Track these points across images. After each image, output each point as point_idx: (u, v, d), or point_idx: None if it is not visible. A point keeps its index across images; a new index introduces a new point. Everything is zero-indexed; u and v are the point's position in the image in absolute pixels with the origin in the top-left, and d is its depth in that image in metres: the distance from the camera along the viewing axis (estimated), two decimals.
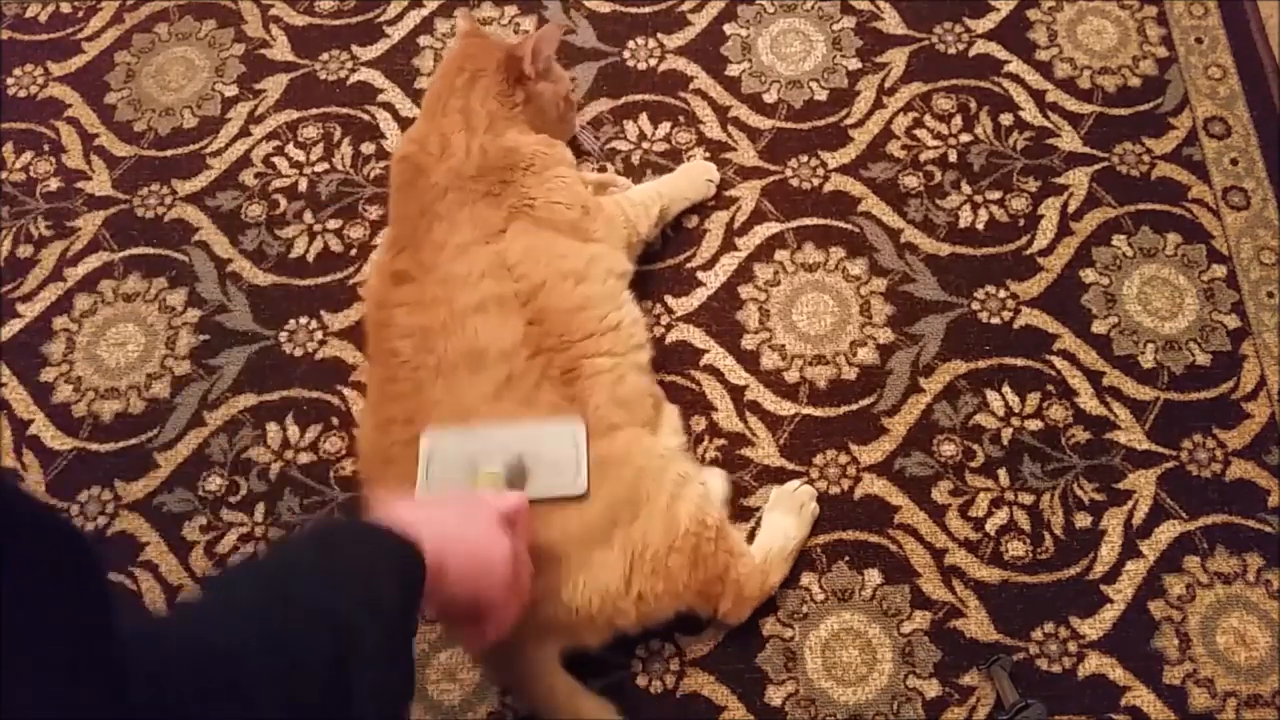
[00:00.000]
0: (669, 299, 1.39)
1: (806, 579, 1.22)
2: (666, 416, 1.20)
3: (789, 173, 1.46)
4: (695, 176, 1.44)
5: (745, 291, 1.39)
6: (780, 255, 1.41)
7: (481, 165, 1.20)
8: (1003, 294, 1.38)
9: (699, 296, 1.39)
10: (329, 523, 1.23)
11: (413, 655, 0.82)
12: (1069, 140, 1.48)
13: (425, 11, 1.62)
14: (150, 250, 1.46)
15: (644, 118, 1.52)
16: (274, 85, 1.57)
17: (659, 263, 1.41)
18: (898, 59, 1.55)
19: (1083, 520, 1.25)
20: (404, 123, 1.53)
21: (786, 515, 1.22)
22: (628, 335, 1.17)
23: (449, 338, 1.10)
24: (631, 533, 1.06)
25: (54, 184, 1.51)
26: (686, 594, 1.10)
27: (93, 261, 1.45)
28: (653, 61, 1.56)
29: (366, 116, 1.54)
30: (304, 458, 1.31)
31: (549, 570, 1.03)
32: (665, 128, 1.50)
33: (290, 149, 1.52)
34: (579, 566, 1.05)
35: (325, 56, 1.59)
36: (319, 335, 1.39)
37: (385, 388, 1.13)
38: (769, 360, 1.35)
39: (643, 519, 1.06)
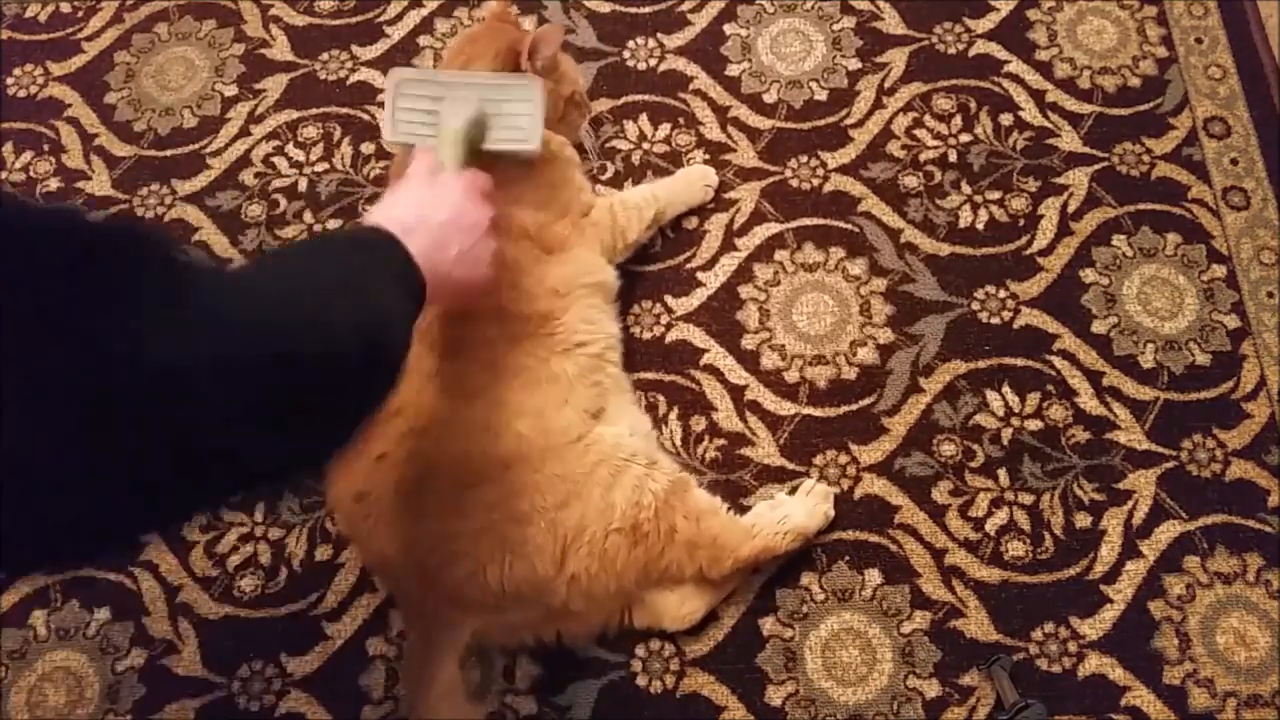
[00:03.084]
0: (669, 299, 1.39)
1: (806, 579, 1.22)
2: (621, 409, 1.19)
3: (789, 173, 1.47)
4: (693, 181, 1.44)
5: (745, 291, 1.39)
6: (780, 255, 1.41)
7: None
8: (1003, 294, 1.38)
9: (699, 296, 1.39)
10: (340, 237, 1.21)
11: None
12: (1069, 140, 1.48)
13: (425, 11, 1.62)
14: None
15: (644, 118, 1.52)
16: (274, 85, 1.57)
17: (659, 263, 1.41)
18: (898, 59, 1.55)
19: (1083, 520, 1.25)
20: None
21: (793, 500, 1.23)
22: (563, 339, 1.15)
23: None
24: (562, 516, 1.06)
25: (54, 184, 1.51)
26: (630, 572, 1.09)
27: None
28: (653, 61, 1.56)
29: (366, 116, 1.54)
30: None
31: (474, 549, 1.05)
32: (665, 128, 1.50)
33: (290, 149, 1.52)
34: (503, 546, 1.06)
35: (325, 56, 1.59)
36: None
37: None
38: (769, 360, 1.35)
39: (575, 507, 1.07)
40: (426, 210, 0.92)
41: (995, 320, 1.36)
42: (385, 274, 0.83)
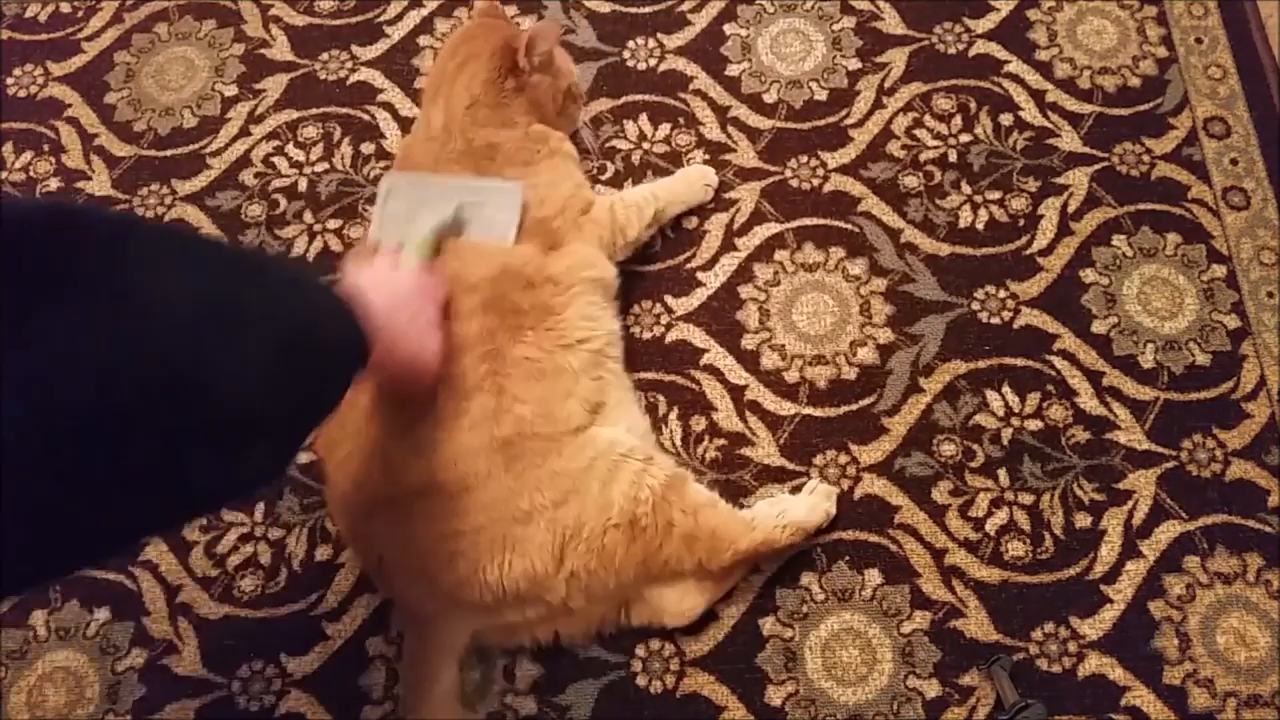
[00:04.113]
0: (669, 299, 1.39)
1: (806, 579, 1.22)
2: (620, 409, 1.19)
3: (789, 173, 1.47)
4: (693, 181, 1.44)
5: (745, 291, 1.39)
6: (780, 255, 1.41)
7: (464, 151, 1.22)
8: (1003, 294, 1.38)
9: (699, 296, 1.39)
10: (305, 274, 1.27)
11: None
12: (1069, 140, 1.48)
13: (425, 11, 1.62)
14: None
15: (644, 118, 1.52)
16: (274, 85, 1.57)
17: (659, 263, 1.41)
18: (898, 59, 1.55)
19: (1083, 520, 1.25)
20: (404, 122, 1.53)
21: (792, 497, 1.23)
22: (565, 334, 1.16)
23: None
24: (560, 514, 1.07)
25: (54, 184, 1.51)
26: (629, 566, 1.10)
27: None
28: (653, 61, 1.56)
29: (366, 116, 1.54)
30: (303, 457, 1.31)
31: (473, 549, 1.06)
32: (665, 128, 1.50)
33: (290, 149, 1.52)
34: (504, 544, 1.06)
35: (325, 56, 1.59)
36: None
37: None
38: (769, 360, 1.35)
39: (573, 504, 1.07)
40: (384, 283, 0.98)
41: (995, 320, 1.36)
42: (338, 309, 0.85)
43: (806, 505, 1.22)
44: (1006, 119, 1.50)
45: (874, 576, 1.22)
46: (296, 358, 0.74)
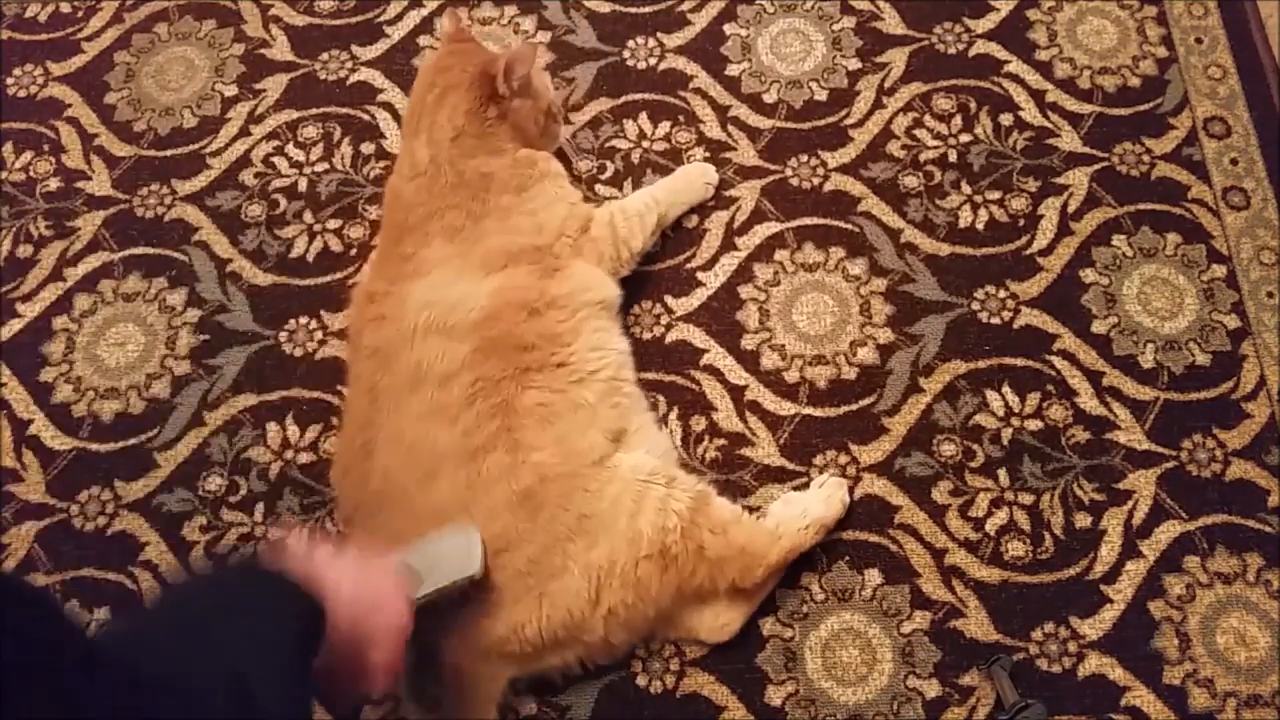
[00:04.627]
0: (669, 299, 1.39)
1: (806, 579, 1.22)
2: (641, 433, 1.19)
3: (789, 172, 1.46)
4: (693, 179, 1.44)
5: (745, 291, 1.39)
6: (780, 255, 1.41)
7: (456, 184, 1.21)
8: (1003, 294, 1.38)
9: (699, 296, 1.39)
10: (240, 568, 1.12)
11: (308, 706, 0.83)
12: (1069, 140, 1.48)
13: (425, 11, 1.62)
14: (150, 250, 1.46)
15: (644, 117, 1.52)
16: (274, 85, 1.57)
17: (659, 263, 1.41)
18: (898, 59, 1.55)
19: (1083, 520, 1.25)
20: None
21: (806, 494, 1.23)
22: (576, 368, 1.16)
23: (398, 357, 1.13)
24: (593, 557, 1.07)
25: (54, 184, 1.51)
26: (664, 596, 1.10)
27: (92, 261, 1.45)
28: (652, 61, 1.56)
29: (366, 116, 1.54)
30: (304, 458, 1.31)
31: (511, 610, 1.06)
32: (665, 127, 1.50)
33: (290, 149, 1.52)
34: (541, 601, 1.06)
35: (325, 56, 1.59)
36: (319, 335, 1.39)
37: (349, 405, 1.20)
38: (769, 360, 1.35)
39: (603, 543, 1.07)
40: (356, 586, 0.89)
41: (995, 320, 1.36)
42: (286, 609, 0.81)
43: (823, 500, 1.22)
44: (1006, 119, 1.50)
45: (874, 576, 1.22)
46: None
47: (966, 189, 1.45)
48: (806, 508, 1.20)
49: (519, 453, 1.08)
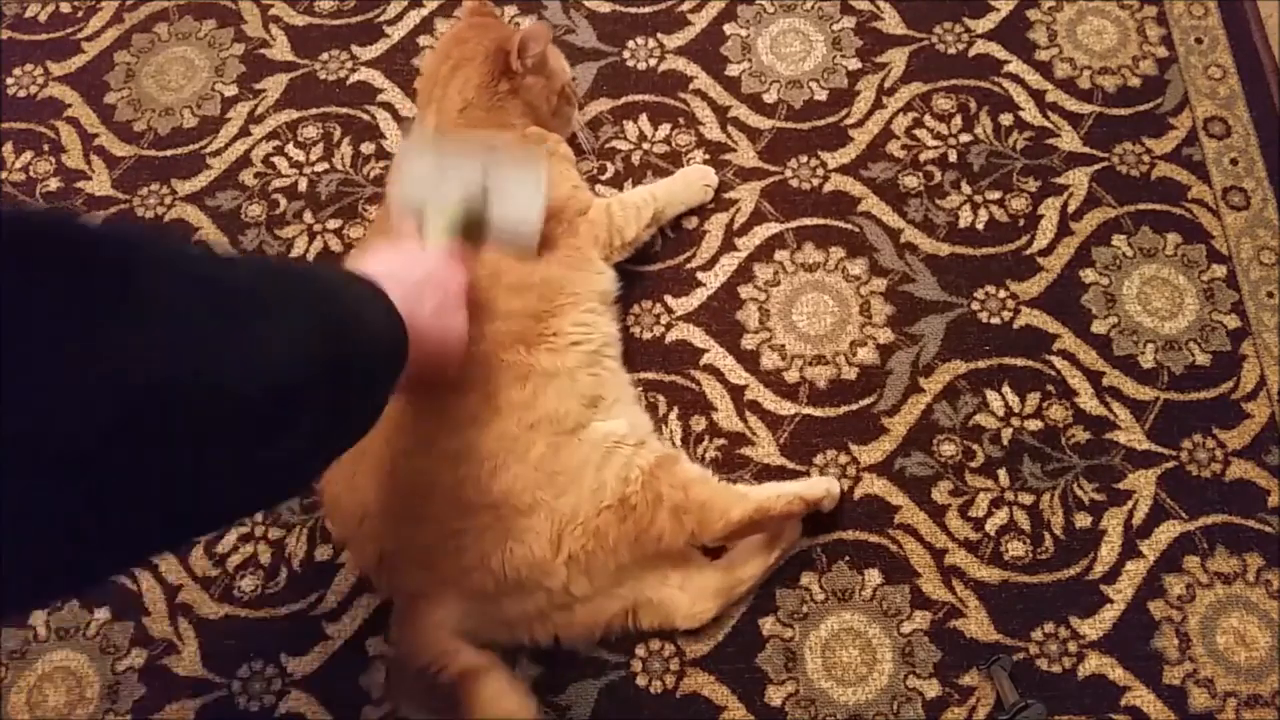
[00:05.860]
0: (669, 299, 1.39)
1: (806, 579, 1.22)
2: (618, 405, 1.19)
3: (789, 173, 1.47)
4: (693, 181, 1.44)
5: (745, 291, 1.39)
6: (780, 255, 1.41)
7: None
8: (1003, 294, 1.38)
9: (699, 296, 1.39)
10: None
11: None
12: (1069, 140, 1.48)
13: (425, 11, 1.62)
14: None
15: (644, 118, 1.52)
16: (274, 85, 1.57)
17: (659, 263, 1.41)
18: (898, 59, 1.55)
19: (1083, 520, 1.25)
20: (404, 123, 1.53)
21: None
22: (558, 341, 1.16)
23: None
24: (559, 504, 1.08)
25: (54, 184, 1.51)
26: (623, 545, 1.10)
27: None
28: (652, 61, 1.56)
29: (366, 116, 1.54)
30: None
31: (478, 542, 1.07)
32: (665, 128, 1.50)
33: (290, 149, 1.52)
34: (508, 534, 1.07)
35: (325, 56, 1.59)
36: None
37: None
38: (769, 360, 1.35)
39: (570, 493, 1.09)
40: (401, 269, 0.92)
41: (995, 320, 1.36)
42: (377, 306, 0.83)
43: (805, 482, 1.23)
44: (1006, 119, 1.50)
45: (874, 576, 1.22)
46: (330, 345, 0.73)
47: (966, 189, 1.45)
48: (784, 484, 1.21)
49: (495, 404, 1.10)
